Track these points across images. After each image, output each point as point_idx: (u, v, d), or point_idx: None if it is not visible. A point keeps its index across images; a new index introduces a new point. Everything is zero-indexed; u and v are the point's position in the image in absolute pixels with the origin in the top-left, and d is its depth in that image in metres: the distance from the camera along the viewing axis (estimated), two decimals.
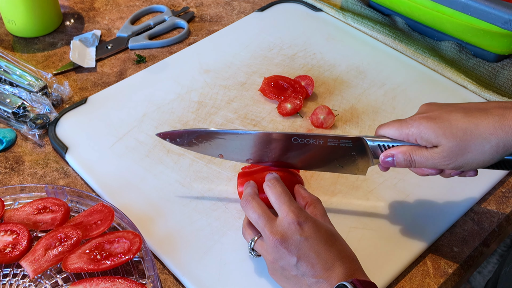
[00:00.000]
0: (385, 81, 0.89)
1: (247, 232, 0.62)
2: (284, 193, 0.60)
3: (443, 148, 0.56)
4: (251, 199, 0.61)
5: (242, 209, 0.62)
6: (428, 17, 0.92)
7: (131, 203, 0.71)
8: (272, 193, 0.61)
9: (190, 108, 0.84)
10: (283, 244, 0.56)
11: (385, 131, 0.61)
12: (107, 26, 1.02)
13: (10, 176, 0.76)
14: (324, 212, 0.61)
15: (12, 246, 0.63)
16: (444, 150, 0.56)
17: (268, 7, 1.05)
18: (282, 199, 0.59)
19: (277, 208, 0.59)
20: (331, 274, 0.54)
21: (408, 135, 0.58)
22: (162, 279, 0.65)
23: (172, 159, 0.76)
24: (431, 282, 0.65)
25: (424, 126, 0.57)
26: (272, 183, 0.62)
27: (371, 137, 0.62)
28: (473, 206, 0.72)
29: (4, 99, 0.82)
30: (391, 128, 0.60)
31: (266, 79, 0.86)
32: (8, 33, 0.99)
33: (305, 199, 0.63)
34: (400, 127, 0.59)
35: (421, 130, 0.57)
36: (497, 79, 0.89)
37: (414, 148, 0.58)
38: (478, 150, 0.55)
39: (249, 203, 0.61)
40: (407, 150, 0.59)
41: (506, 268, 0.67)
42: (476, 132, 0.54)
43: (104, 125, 0.81)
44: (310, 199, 0.62)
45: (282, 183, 0.62)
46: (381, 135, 0.61)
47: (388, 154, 0.60)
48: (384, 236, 0.67)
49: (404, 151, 0.59)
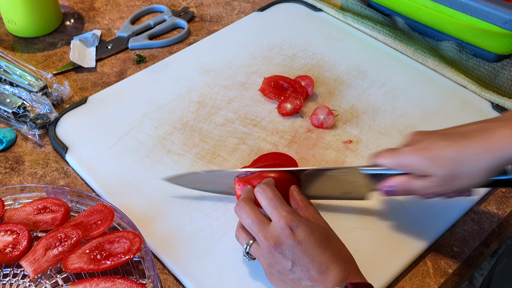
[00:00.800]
0: (385, 81, 0.89)
1: (241, 235, 0.62)
2: (275, 197, 0.60)
3: (436, 177, 0.58)
4: (245, 204, 0.61)
5: (236, 214, 0.62)
6: (428, 17, 0.92)
7: (131, 203, 0.71)
8: (264, 199, 0.61)
9: (190, 108, 0.84)
10: (277, 249, 0.57)
11: (379, 161, 0.62)
12: (107, 26, 1.02)
13: (10, 176, 0.76)
14: (317, 213, 0.61)
15: (12, 246, 0.63)
16: (438, 179, 0.58)
17: (268, 7, 1.05)
18: (273, 204, 0.59)
19: (269, 213, 0.59)
20: (326, 277, 0.55)
21: (402, 166, 0.60)
22: (162, 279, 0.65)
23: (172, 159, 0.76)
24: (431, 282, 0.65)
25: (414, 159, 0.59)
26: (262, 188, 0.62)
27: (365, 167, 0.64)
28: (473, 206, 0.72)
29: (4, 99, 0.82)
30: (385, 158, 0.62)
31: (266, 79, 0.86)
32: (8, 33, 0.99)
33: (297, 202, 0.63)
34: (393, 157, 0.61)
35: (413, 162, 0.59)
36: (497, 79, 0.89)
37: (411, 178, 0.60)
38: (469, 175, 0.57)
39: (243, 209, 0.61)
40: (404, 181, 0.61)
41: (500, 266, 0.67)
42: (465, 159, 0.56)
43: (104, 125, 0.81)
44: (302, 203, 0.62)
45: (273, 188, 0.62)
46: (375, 164, 0.63)
47: (387, 185, 0.62)
48: (384, 236, 0.67)
49: (402, 181, 0.61)
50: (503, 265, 0.66)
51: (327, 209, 0.69)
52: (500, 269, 0.67)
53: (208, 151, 0.77)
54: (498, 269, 0.67)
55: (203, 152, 0.77)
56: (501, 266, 0.66)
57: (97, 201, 0.69)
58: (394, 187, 0.62)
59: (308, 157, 0.77)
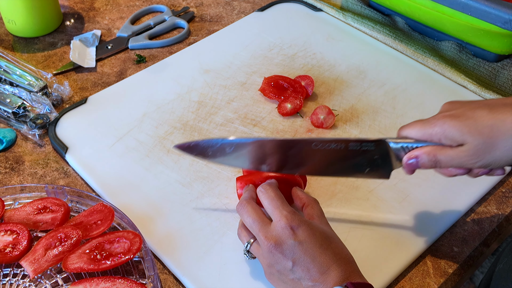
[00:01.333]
0: (385, 81, 0.89)
1: (242, 233, 0.62)
2: (277, 197, 0.60)
3: (469, 146, 0.54)
4: (246, 204, 0.61)
5: (237, 213, 0.62)
6: (428, 17, 0.92)
7: (131, 203, 0.71)
8: (265, 198, 0.61)
9: (190, 108, 0.84)
10: (278, 248, 0.56)
11: (407, 132, 0.59)
12: (107, 26, 1.02)
13: (10, 176, 0.76)
14: (321, 213, 0.61)
15: (12, 246, 0.63)
16: (471, 148, 0.54)
17: (268, 7, 1.05)
18: (274, 204, 0.59)
19: (271, 213, 0.59)
20: (326, 277, 0.54)
21: (432, 135, 0.56)
22: (162, 279, 0.65)
23: (172, 159, 0.76)
24: (431, 282, 0.65)
25: (448, 125, 0.55)
26: (264, 188, 0.61)
27: (393, 139, 0.60)
28: (473, 206, 0.72)
29: (4, 99, 0.82)
30: (414, 128, 0.58)
31: (266, 79, 0.86)
32: (8, 33, 0.99)
33: (302, 200, 0.63)
34: (423, 126, 0.57)
35: (445, 128, 0.55)
36: (497, 79, 0.89)
37: (439, 148, 0.56)
38: (506, 147, 0.53)
39: (244, 208, 0.61)
40: (431, 150, 0.56)
41: (500, 265, 0.67)
42: (502, 129, 0.53)
43: (104, 125, 0.81)
44: (307, 200, 0.62)
45: (275, 188, 0.62)
46: (404, 136, 0.59)
47: (411, 155, 0.58)
48: (384, 236, 0.67)
49: (428, 151, 0.57)
50: (504, 264, 0.66)
51: (327, 209, 0.69)
52: (501, 268, 0.67)
53: None
54: (499, 268, 0.67)
55: None
56: (502, 265, 0.66)
57: (97, 201, 0.69)
58: (419, 158, 0.57)
59: None
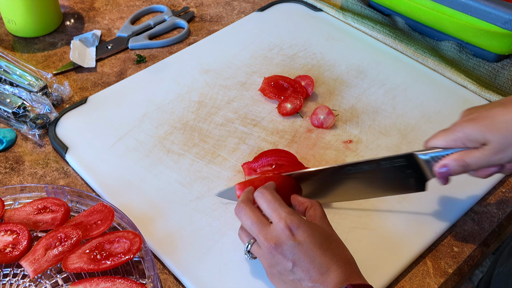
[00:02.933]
0: (385, 81, 0.89)
1: (243, 234, 0.62)
2: (274, 199, 0.60)
3: (492, 144, 0.57)
4: (244, 206, 0.61)
5: (236, 216, 0.62)
6: (428, 17, 0.92)
7: (131, 203, 0.71)
8: (263, 202, 0.60)
9: (190, 108, 0.84)
10: (278, 249, 0.56)
11: (433, 143, 0.62)
12: (107, 26, 1.02)
13: (10, 176, 0.76)
14: (323, 214, 0.61)
15: (12, 246, 0.63)
16: (494, 145, 0.57)
17: (268, 7, 1.05)
18: (272, 206, 0.59)
19: (269, 215, 0.59)
20: (326, 278, 0.54)
21: (456, 140, 0.60)
22: (162, 279, 0.65)
23: (172, 159, 0.76)
24: (431, 282, 0.65)
25: (468, 128, 0.59)
26: (261, 192, 0.61)
27: (421, 151, 0.63)
28: (473, 206, 0.72)
29: (4, 99, 0.82)
30: (438, 138, 0.62)
31: (266, 79, 0.86)
32: (8, 33, 0.99)
33: (304, 204, 0.63)
34: (446, 135, 0.61)
35: (467, 132, 0.59)
36: (497, 79, 0.89)
37: (465, 152, 0.60)
38: None
39: (242, 210, 0.61)
40: (458, 156, 0.60)
41: (499, 268, 0.67)
42: None
43: (104, 125, 0.81)
44: (310, 203, 0.62)
45: (271, 191, 0.62)
46: (430, 147, 0.63)
47: (441, 164, 0.62)
48: (384, 236, 0.67)
49: (456, 157, 0.60)
50: (503, 268, 0.66)
51: (327, 209, 0.69)
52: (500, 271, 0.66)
53: (208, 151, 0.77)
54: (498, 271, 0.67)
55: (203, 152, 0.77)
56: (501, 269, 0.66)
57: (97, 201, 0.69)
58: (449, 165, 0.61)
59: (308, 157, 0.77)
